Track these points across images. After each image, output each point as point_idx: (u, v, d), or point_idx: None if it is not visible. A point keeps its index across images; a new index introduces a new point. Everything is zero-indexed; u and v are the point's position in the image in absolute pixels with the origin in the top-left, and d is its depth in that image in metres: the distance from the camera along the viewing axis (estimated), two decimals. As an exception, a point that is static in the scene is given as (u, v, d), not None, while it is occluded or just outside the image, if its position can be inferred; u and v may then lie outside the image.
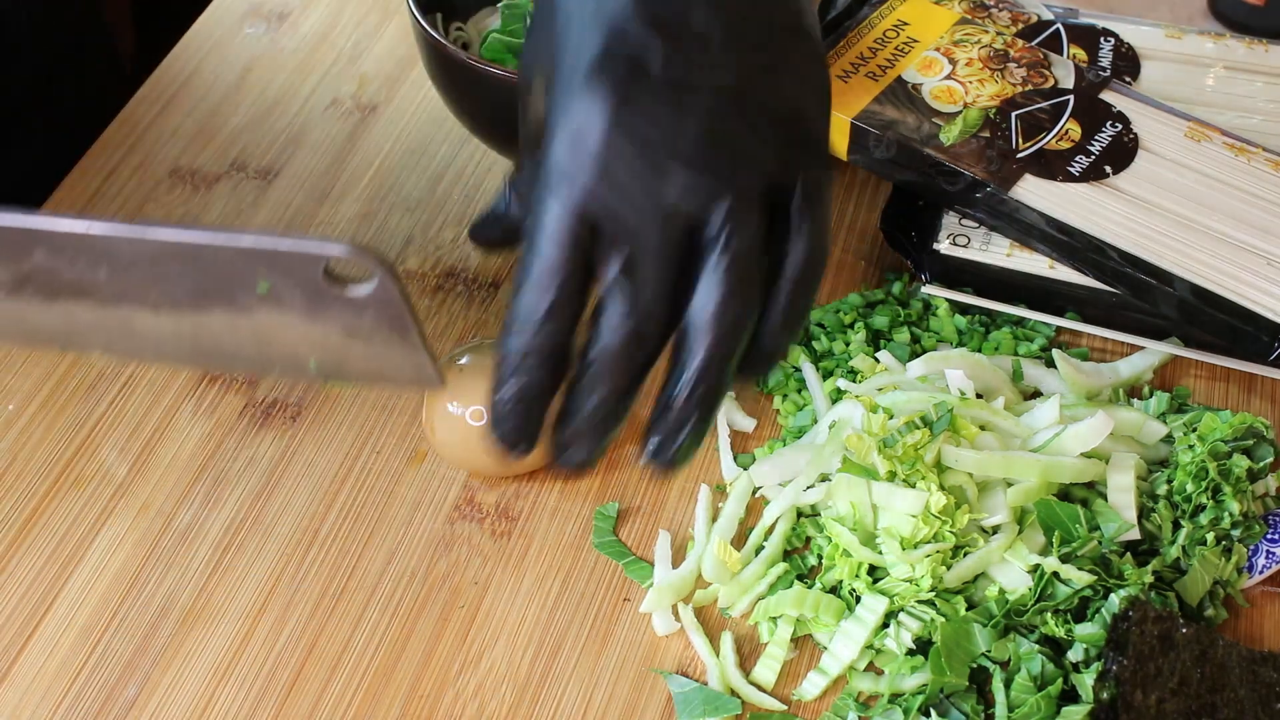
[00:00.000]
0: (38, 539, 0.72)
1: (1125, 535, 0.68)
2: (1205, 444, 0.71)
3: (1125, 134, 0.81)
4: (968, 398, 0.72)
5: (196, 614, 0.70)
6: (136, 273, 0.62)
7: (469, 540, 0.72)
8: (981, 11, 0.92)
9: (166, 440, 0.77)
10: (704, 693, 0.66)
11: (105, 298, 0.64)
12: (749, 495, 0.73)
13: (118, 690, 0.67)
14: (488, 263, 0.86)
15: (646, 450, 0.58)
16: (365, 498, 0.74)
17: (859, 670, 0.67)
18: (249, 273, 0.61)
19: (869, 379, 0.75)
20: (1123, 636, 0.64)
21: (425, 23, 0.82)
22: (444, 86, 0.85)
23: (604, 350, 0.56)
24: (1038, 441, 0.70)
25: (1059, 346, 0.79)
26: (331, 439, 0.77)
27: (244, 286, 0.62)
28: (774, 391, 0.78)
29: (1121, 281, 0.78)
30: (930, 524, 0.66)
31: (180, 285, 0.63)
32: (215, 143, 0.94)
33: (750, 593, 0.69)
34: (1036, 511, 0.68)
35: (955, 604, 0.66)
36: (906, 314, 0.81)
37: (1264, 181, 0.79)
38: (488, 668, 0.68)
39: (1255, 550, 0.70)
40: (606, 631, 0.69)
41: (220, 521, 0.73)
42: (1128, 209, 0.78)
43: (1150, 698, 0.62)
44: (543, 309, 0.56)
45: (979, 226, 0.81)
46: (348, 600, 0.70)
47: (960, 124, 0.81)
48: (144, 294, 0.64)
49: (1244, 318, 0.75)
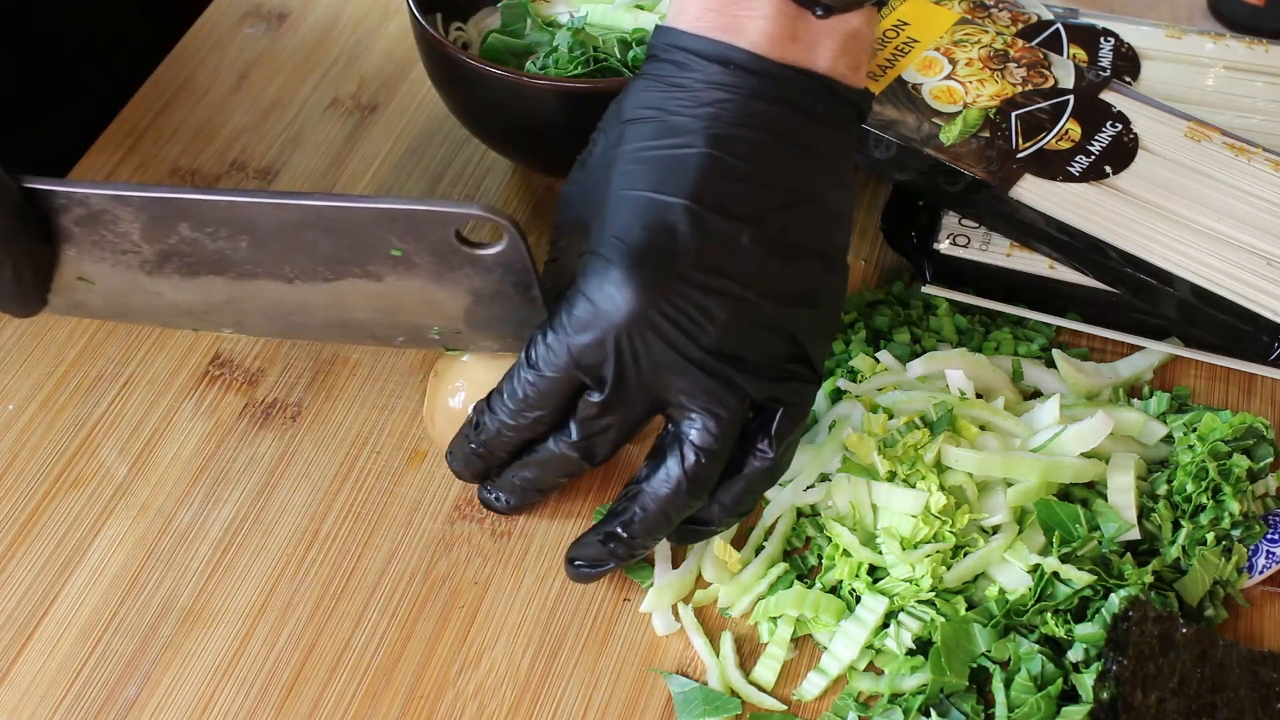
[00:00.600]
0: (38, 539, 0.72)
1: (1125, 535, 0.68)
2: (1205, 444, 0.71)
3: (1125, 134, 0.81)
4: (968, 398, 0.72)
5: (196, 614, 0.70)
6: (275, 243, 0.64)
7: (469, 540, 0.72)
8: (981, 11, 0.92)
9: (166, 440, 0.77)
10: (704, 693, 0.66)
11: (243, 270, 0.66)
12: (749, 495, 0.73)
13: (118, 690, 0.67)
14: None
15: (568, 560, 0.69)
16: (365, 498, 0.74)
17: (859, 670, 0.67)
18: (383, 237, 0.64)
19: (869, 379, 0.75)
20: (1123, 636, 0.64)
21: (425, 23, 0.82)
22: (444, 86, 0.85)
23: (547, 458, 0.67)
24: (1038, 441, 0.70)
25: (1059, 346, 0.79)
26: (331, 439, 0.77)
27: (378, 251, 0.64)
28: (774, 391, 0.78)
29: (1121, 281, 0.78)
30: (930, 524, 0.66)
31: (316, 253, 0.65)
32: (215, 143, 0.94)
33: (750, 593, 0.69)
34: (1036, 511, 0.68)
35: (955, 604, 0.66)
36: (906, 314, 0.81)
37: (1264, 181, 0.79)
38: (488, 668, 0.68)
39: (1255, 550, 0.70)
40: (606, 631, 0.69)
41: (220, 521, 0.73)
42: (1128, 209, 0.78)
43: (1150, 698, 0.62)
44: (530, 417, 0.65)
45: (979, 226, 0.81)
46: (348, 600, 0.70)
47: (960, 124, 0.81)
48: (279, 265, 0.66)
49: (1244, 318, 0.75)
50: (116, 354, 0.80)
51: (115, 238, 0.65)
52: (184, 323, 0.71)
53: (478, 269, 0.65)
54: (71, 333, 0.81)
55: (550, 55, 0.84)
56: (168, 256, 0.66)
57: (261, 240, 0.65)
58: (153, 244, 0.66)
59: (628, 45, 0.85)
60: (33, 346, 0.81)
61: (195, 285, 0.67)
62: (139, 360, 0.80)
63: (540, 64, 0.84)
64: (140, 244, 0.66)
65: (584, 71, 0.83)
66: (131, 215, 0.64)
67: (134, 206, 0.64)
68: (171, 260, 0.66)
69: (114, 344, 0.81)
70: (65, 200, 0.64)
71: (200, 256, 0.66)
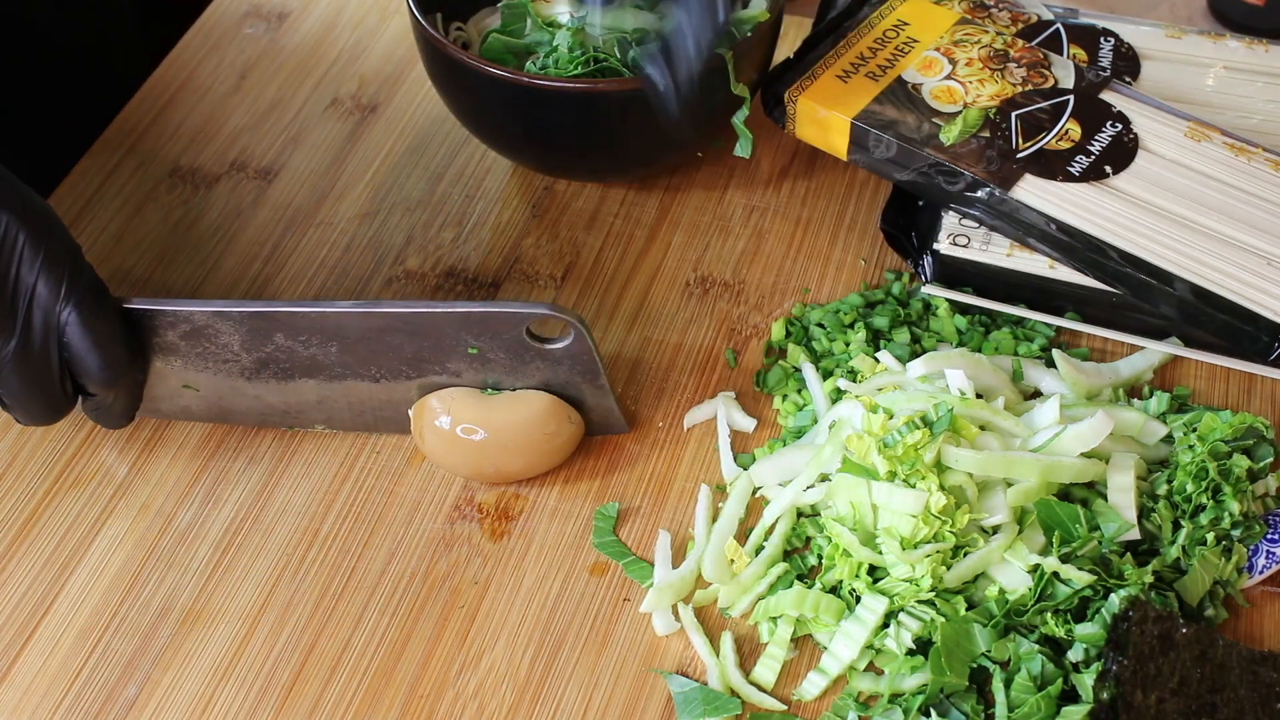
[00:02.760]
0: (38, 539, 0.72)
1: (1125, 535, 0.68)
2: (1205, 444, 0.71)
3: (1125, 134, 0.81)
4: (968, 398, 0.72)
5: (196, 614, 0.70)
6: (362, 347, 0.71)
7: (469, 540, 0.72)
8: (981, 11, 0.92)
9: (166, 440, 0.77)
10: (704, 693, 0.66)
11: (333, 373, 0.73)
12: (749, 495, 0.73)
13: (118, 690, 0.67)
14: (487, 262, 0.86)
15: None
16: (365, 498, 0.74)
17: (859, 670, 0.67)
18: (461, 338, 0.70)
19: (869, 379, 0.75)
20: (1123, 636, 0.64)
21: (425, 23, 0.82)
22: (444, 86, 0.85)
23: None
24: (1038, 441, 0.70)
25: (1059, 346, 0.79)
26: (331, 439, 0.77)
27: (456, 350, 0.71)
28: (774, 391, 0.78)
29: (1121, 281, 0.78)
30: (930, 524, 0.66)
31: (400, 355, 0.71)
32: (215, 143, 0.94)
33: (750, 593, 0.69)
34: (1036, 511, 0.68)
35: (955, 604, 0.66)
36: (906, 314, 0.81)
37: (1264, 181, 0.79)
38: (488, 668, 0.68)
39: (1255, 550, 0.70)
40: (606, 631, 0.69)
41: (220, 521, 0.73)
42: (1128, 209, 0.78)
43: (1150, 698, 0.62)
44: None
45: (979, 226, 0.81)
46: (348, 600, 0.70)
47: (960, 124, 0.81)
48: (367, 367, 0.72)
49: (1244, 318, 0.75)
50: (116, 354, 0.80)
51: (217, 349, 0.71)
52: (279, 421, 0.76)
53: (548, 361, 0.71)
54: (71, 333, 0.81)
55: (550, 55, 0.84)
56: (265, 364, 0.72)
57: (350, 345, 0.71)
58: (251, 353, 0.72)
59: (628, 45, 0.85)
60: (33, 346, 0.81)
61: (289, 388, 0.74)
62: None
63: (540, 64, 0.84)
64: (240, 353, 0.72)
65: (584, 71, 0.83)
66: (232, 329, 0.70)
67: (234, 320, 0.70)
68: (269, 367, 0.72)
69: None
70: (172, 318, 0.70)
71: (294, 362, 0.72)
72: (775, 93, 0.84)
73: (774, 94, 0.84)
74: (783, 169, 0.92)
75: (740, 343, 0.81)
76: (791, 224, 0.88)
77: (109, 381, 0.68)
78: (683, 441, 0.77)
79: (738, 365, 0.80)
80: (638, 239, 0.87)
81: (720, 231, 0.88)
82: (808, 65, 0.85)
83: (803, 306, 0.83)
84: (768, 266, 0.85)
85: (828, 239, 0.87)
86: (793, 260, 0.86)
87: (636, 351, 0.81)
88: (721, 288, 0.84)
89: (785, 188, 0.91)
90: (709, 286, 0.84)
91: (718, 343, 0.81)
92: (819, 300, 0.83)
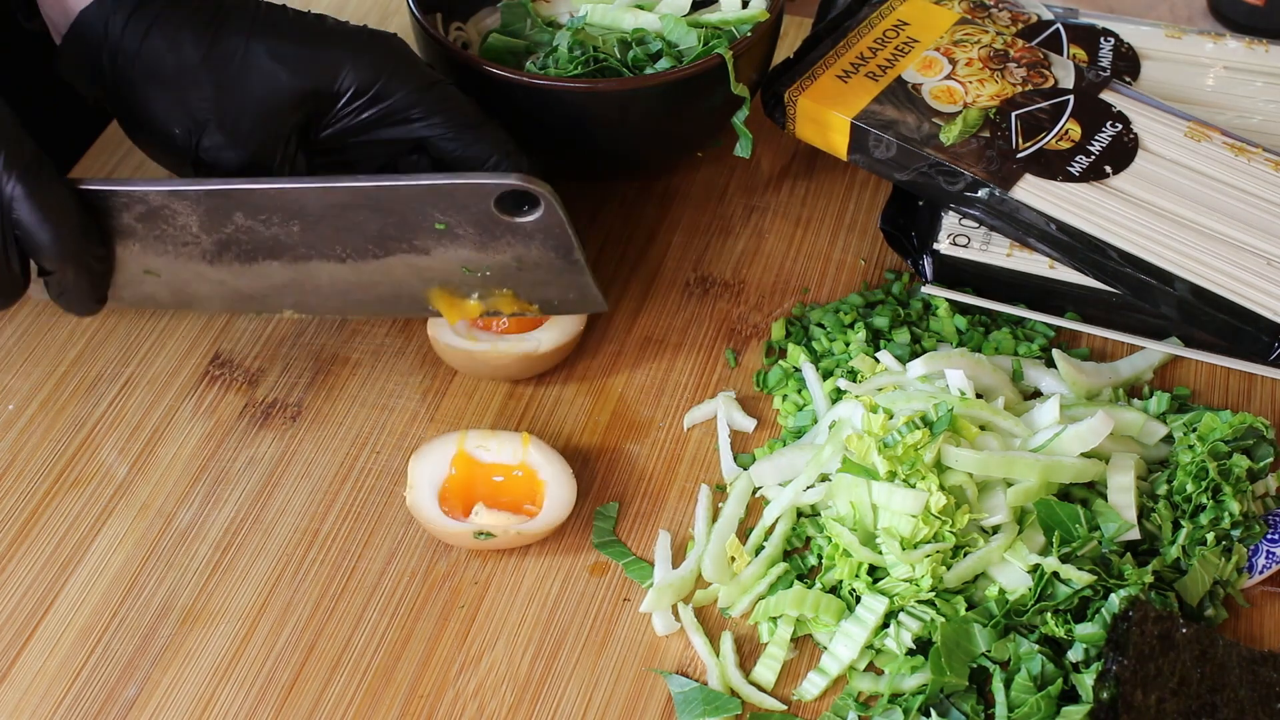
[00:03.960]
0: (38, 539, 0.72)
1: (1125, 535, 0.68)
2: (1205, 444, 0.71)
3: (1125, 134, 0.81)
4: (968, 398, 0.72)
5: (196, 614, 0.70)
6: (325, 225, 0.69)
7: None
8: (981, 11, 0.92)
9: (166, 440, 0.77)
10: (704, 693, 0.66)
11: (297, 254, 0.71)
12: (749, 495, 0.73)
13: (118, 690, 0.67)
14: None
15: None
16: (365, 498, 0.74)
17: (859, 670, 0.67)
18: (427, 212, 0.68)
19: (869, 379, 0.75)
20: (1123, 636, 0.64)
21: (425, 23, 0.82)
22: (444, 86, 0.85)
23: None
24: (1038, 441, 0.70)
25: (1059, 346, 0.79)
26: (331, 439, 0.77)
27: (423, 226, 0.69)
28: (774, 391, 0.78)
29: (1121, 281, 0.78)
30: (930, 524, 0.66)
31: (364, 232, 0.69)
32: (215, 143, 0.93)
33: (750, 593, 0.69)
34: (1036, 511, 0.68)
35: (955, 604, 0.66)
36: (906, 314, 0.81)
37: (1264, 181, 0.79)
38: (488, 668, 0.68)
39: (1255, 550, 0.70)
40: (606, 631, 0.69)
41: (220, 521, 0.73)
42: (1127, 209, 0.78)
43: (1150, 698, 0.62)
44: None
45: (979, 226, 0.81)
46: (348, 600, 0.70)
47: (960, 124, 0.81)
48: (331, 246, 0.70)
49: (1244, 318, 0.75)
50: (116, 354, 0.80)
51: (176, 231, 0.70)
52: (247, 307, 0.75)
53: (519, 236, 0.69)
54: (72, 333, 0.81)
55: (550, 55, 0.84)
56: (226, 245, 0.70)
57: (312, 223, 0.69)
58: (211, 234, 0.70)
59: (628, 45, 0.85)
60: (33, 346, 0.81)
61: (254, 271, 0.72)
62: (139, 360, 0.80)
63: (540, 64, 0.84)
64: (199, 235, 0.70)
65: (584, 71, 0.83)
66: (189, 209, 0.68)
67: (191, 200, 0.68)
68: (230, 249, 0.70)
69: (114, 344, 0.81)
70: (126, 199, 0.68)
71: (256, 243, 0.70)
72: (775, 93, 0.84)
73: (774, 94, 0.85)
74: (783, 169, 0.92)
75: (740, 343, 0.81)
76: (791, 224, 0.88)
77: (61, 254, 0.66)
78: (683, 441, 0.77)
79: (738, 365, 0.80)
80: (638, 239, 0.87)
81: (720, 231, 0.88)
82: (808, 65, 0.85)
83: (803, 306, 0.83)
84: (768, 266, 0.85)
85: (828, 239, 0.87)
86: (793, 260, 0.86)
87: (636, 351, 0.81)
88: (721, 287, 0.84)
89: (785, 188, 0.91)
90: (709, 286, 0.84)
91: (718, 343, 0.81)
92: (819, 300, 0.83)
